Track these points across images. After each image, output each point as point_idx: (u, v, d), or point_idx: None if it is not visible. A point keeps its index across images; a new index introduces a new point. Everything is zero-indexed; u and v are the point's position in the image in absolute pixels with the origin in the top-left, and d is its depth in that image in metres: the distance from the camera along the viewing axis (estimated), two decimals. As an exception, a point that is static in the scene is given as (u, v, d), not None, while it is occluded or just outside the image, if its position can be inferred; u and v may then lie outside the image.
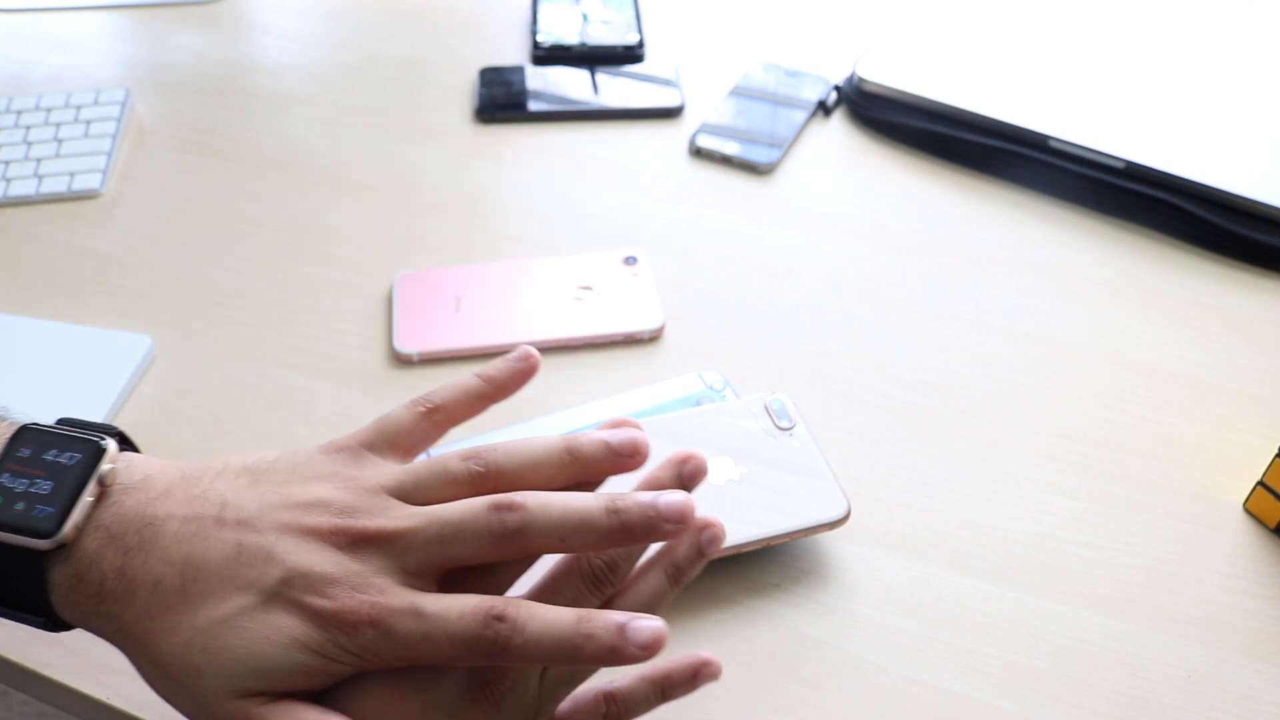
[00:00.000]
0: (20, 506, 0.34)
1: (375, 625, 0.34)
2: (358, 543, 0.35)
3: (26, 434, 0.37)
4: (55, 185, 0.70)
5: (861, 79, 0.76)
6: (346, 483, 0.37)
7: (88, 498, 0.35)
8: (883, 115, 0.75)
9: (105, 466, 0.36)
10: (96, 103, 0.76)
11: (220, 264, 0.66)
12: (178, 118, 0.78)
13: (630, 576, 0.38)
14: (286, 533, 0.35)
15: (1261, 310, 0.63)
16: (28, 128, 0.75)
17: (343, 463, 0.38)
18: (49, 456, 0.35)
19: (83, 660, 0.46)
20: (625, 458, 0.39)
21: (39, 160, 0.72)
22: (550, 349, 0.59)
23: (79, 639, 0.37)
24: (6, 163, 0.72)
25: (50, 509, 0.34)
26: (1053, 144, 0.70)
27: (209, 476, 0.37)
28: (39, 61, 0.83)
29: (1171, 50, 0.77)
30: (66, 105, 0.76)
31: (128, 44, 0.86)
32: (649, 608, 0.38)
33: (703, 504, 0.47)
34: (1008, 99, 0.72)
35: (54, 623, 0.36)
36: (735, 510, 0.47)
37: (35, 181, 0.71)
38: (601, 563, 0.37)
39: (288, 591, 0.34)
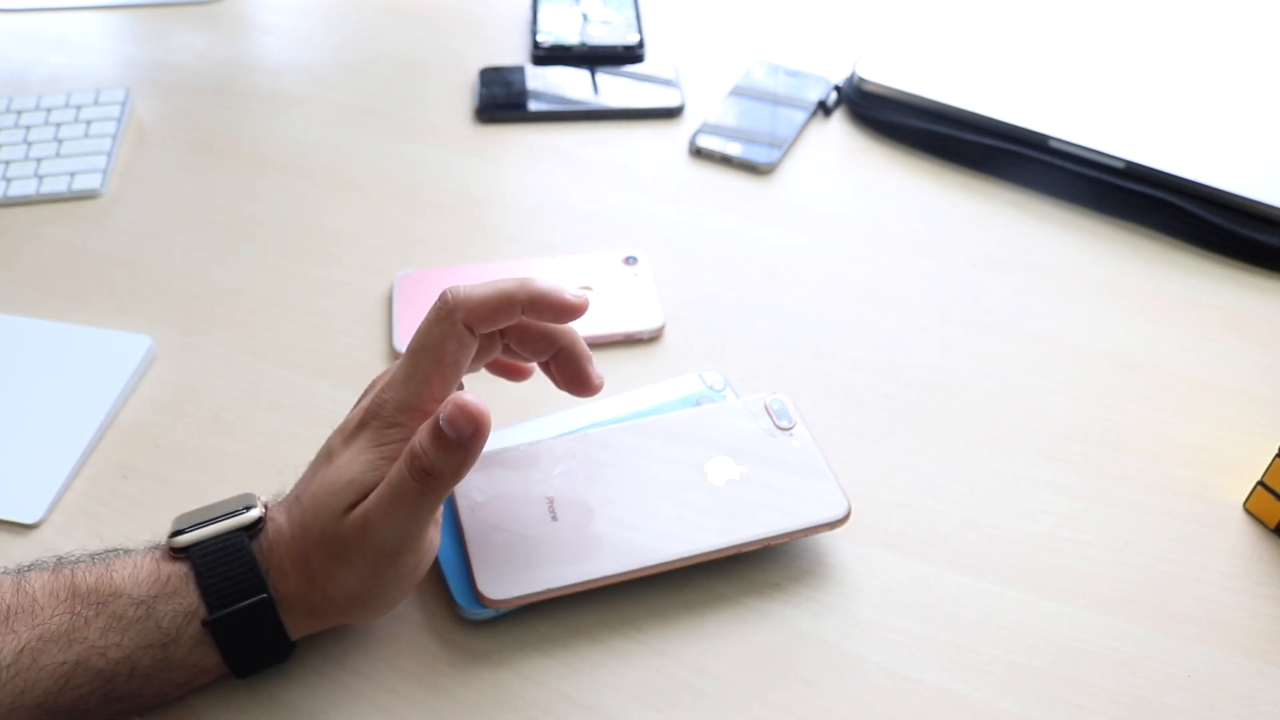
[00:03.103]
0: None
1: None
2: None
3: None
4: (55, 185, 0.70)
5: (861, 79, 0.76)
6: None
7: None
8: (883, 115, 0.75)
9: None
10: (96, 103, 0.76)
11: (220, 264, 0.66)
12: (178, 118, 0.78)
13: None
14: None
15: (1261, 310, 0.63)
16: (28, 128, 0.75)
17: None
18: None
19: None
20: None
21: (39, 160, 0.72)
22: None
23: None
24: (6, 163, 0.72)
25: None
26: (1053, 144, 0.70)
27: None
28: (39, 61, 0.83)
29: (1171, 50, 0.77)
30: (66, 105, 0.76)
31: (128, 44, 0.86)
32: None
33: (703, 504, 0.48)
34: (1008, 99, 0.72)
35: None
36: (735, 510, 0.47)
37: (35, 181, 0.71)
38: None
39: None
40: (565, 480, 0.48)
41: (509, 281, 0.42)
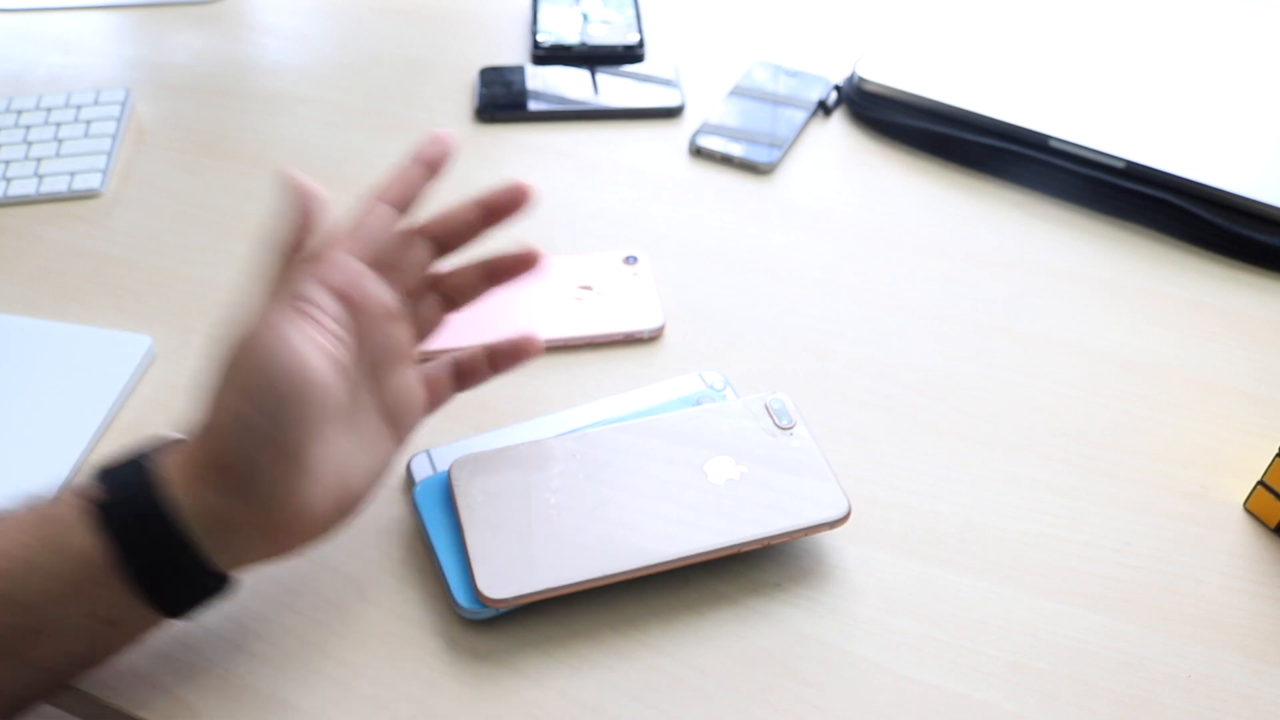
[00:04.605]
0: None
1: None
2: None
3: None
4: (55, 185, 0.70)
5: (861, 79, 0.76)
6: None
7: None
8: (883, 115, 0.75)
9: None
10: (96, 103, 0.76)
11: (220, 264, 0.66)
12: (178, 118, 0.78)
13: None
14: None
15: (1261, 310, 0.63)
16: (28, 128, 0.75)
17: None
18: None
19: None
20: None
21: (39, 160, 0.72)
22: (550, 349, 0.59)
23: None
24: (6, 163, 0.72)
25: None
26: (1053, 144, 0.70)
27: None
28: (39, 61, 0.83)
29: (1171, 50, 0.77)
30: (66, 105, 0.76)
31: (128, 44, 0.86)
32: None
33: (704, 504, 0.48)
34: (1008, 99, 0.72)
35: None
36: (735, 510, 0.47)
37: (35, 181, 0.71)
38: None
39: None
40: (565, 480, 0.48)
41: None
